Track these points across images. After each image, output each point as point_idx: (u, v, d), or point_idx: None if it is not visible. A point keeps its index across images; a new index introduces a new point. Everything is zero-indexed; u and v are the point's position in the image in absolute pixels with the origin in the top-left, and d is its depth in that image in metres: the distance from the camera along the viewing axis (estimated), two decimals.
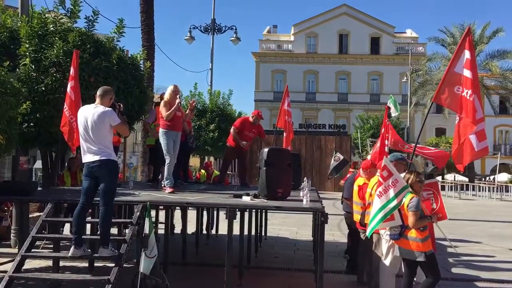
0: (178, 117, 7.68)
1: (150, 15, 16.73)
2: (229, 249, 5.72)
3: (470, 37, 6.32)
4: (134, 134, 28.98)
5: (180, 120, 7.78)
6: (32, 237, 5.74)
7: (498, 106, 43.63)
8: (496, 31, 38.27)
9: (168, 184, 7.40)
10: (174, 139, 7.64)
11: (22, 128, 7.72)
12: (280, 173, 6.52)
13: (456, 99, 6.15)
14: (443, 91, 6.29)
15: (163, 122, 7.58)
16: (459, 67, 6.16)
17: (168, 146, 7.55)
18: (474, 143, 6.14)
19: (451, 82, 6.21)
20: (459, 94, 6.11)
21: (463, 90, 6.06)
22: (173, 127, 7.58)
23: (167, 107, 7.51)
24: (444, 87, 6.27)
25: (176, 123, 7.64)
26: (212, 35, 23.90)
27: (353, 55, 48.62)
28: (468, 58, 6.11)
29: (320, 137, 31.10)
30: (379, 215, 5.29)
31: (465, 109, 6.07)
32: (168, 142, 7.55)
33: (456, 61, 6.23)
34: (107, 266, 5.94)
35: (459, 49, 6.24)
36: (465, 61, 6.13)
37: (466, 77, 6.09)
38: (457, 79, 6.16)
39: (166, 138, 7.57)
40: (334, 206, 16.56)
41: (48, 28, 8.51)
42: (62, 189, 8.54)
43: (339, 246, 9.96)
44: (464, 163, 6.25)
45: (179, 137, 7.78)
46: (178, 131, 7.71)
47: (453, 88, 6.16)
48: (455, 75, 6.20)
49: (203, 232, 10.84)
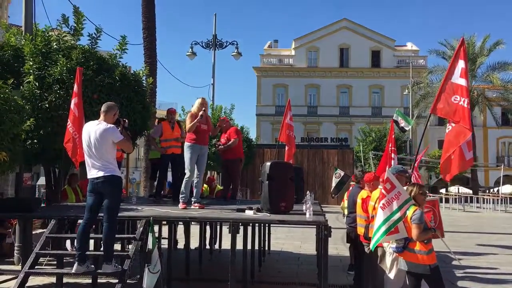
0: (203, 131, 7.56)
1: (152, 32, 16.90)
2: (232, 264, 5.70)
3: (464, 47, 6.43)
4: (137, 150, 29.05)
5: (205, 134, 7.66)
6: (35, 253, 5.75)
7: (500, 118, 43.61)
8: (497, 43, 38.41)
9: (182, 199, 7.35)
10: (198, 153, 7.53)
11: (26, 145, 7.77)
12: (283, 187, 6.52)
13: (453, 108, 6.23)
14: (441, 101, 6.37)
15: (188, 135, 7.53)
16: (456, 76, 6.28)
17: (191, 161, 7.46)
18: (465, 152, 6.20)
19: (448, 92, 6.30)
20: (456, 103, 6.19)
21: (460, 99, 6.15)
22: (197, 141, 7.49)
23: (192, 119, 7.44)
24: (442, 98, 6.36)
25: (201, 137, 7.54)
26: (213, 50, 24.07)
27: (354, 68, 48.82)
28: (463, 68, 6.27)
29: (322, 150, 31.09)
30: (382, 228, 5.27)
31: (462, 117, 6.15)
32: (192, 157, 7.46)
33: (453, 71, 6.33)
34: (111, 282, 5.94)
35: (455, 59, 6.36)
36: (460, 71, 6.24)
37: (462, 86, 6.21)
38: (455, 88, 6.25)
39: (190, 152, 7.47)
40: (337, 219, 16.49)
41: (51, 46, 8.60)
42: (66, 205, 8.55)
43: (343, 260, 9.90)
44: (452, 173, 6.27)
45: (204, 150, 7.66)
46: (202, 144, 7.59)
47: (451, 98, 6.25)
48: (452, 85, 6.30)
49: (206, 247, 10.80)
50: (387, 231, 5.23)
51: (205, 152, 7.70)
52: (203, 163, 7.65)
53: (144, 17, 16.88)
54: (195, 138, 7.48)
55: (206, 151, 7.72)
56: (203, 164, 7.66)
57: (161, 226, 9.62)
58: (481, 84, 39.62)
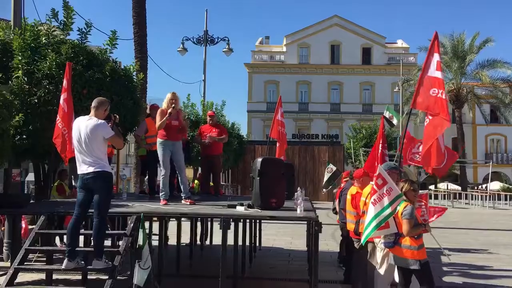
0: (174, 127, 7.41)
1: (143, 27, 16.80)
2: (223, 260, 5.70)
3: (437, 41, 6.60)
4: (127, 146, 28.92)
5: (175, 130, 7.48)
6: (25, 250, 5.70)
7: (489, 115, 44.06)
8: (486, 40, 38.76)
9: (162, 196, 7.26)
10: (171, 149, 7.40)
11: (14, 141, 7.68)
12: (274, 183, 6.53)
13: (432, 101, 6.36)
14: (420, 95, 6.50)
15: (159, 131, 7.41)
16: (432, 70, 6.43)
17: (164, 157, 7.35)
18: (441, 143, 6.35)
19: (426, 86, 6.44)
20: (435, 96, 6.30)
21: (438, 91, 6.27)
22: (168, 137, 7.37)
23: (162, 116, 7.30)
24: (420, 92, 6.49)
25: (172, 133, 7.40)
26: (204, 46, 24.00)
27: (345, 65, 48.96)
28: (438, 61, 6.49)
29: (313, 147, 31.20)
30: (373, 223, 5.31)
31: (441, 109, 6.27)
32: (164, 153, 7.36)
33: (429, 65, 6.48)
34: (101, 279, 5.91)
35: (430, 54, 6.49)
36: (436, 64, 6.37)
37: (438, 78, 6.39)
38: (432, 81, 6.39)
39: (162, 149, 7.37)
40: (328, 216, 16.54)
41: (40, 40, 8.51)
42: (55, 201, 8.49)
43: (333, 256, 9.94)
44: (432, 165, 6.37)
45: (177, 146, 7.49)
46: (174, 140, 7.44)
47: (429, 91, 6.37)
48: (429, 79, 6.44)
49: (197, 243, 10.79)
50: (377, 226, 5.27)
51: (179, 148, 7.52)
52: (180, 158, 7.51)
53: (135, 12, 16.77)
54: (166, 134, 7.35)
55: (179, 146, 7.53)
56: (181, 160, 7.52)
57: (151, 222, 9.61)
58: (470, 81, 39.97)
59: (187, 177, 11.06)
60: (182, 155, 7.59)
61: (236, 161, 24.67)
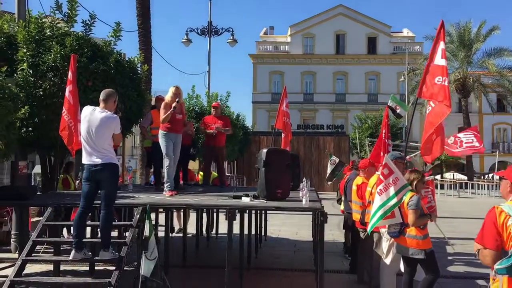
0: (178, 120, 7.61)
1: (147, 18, 16.75)
2: (229, 251, 5.73)
3: (443, 29, 6.57)
4: (133, 138, 28.99)
5: (180, 123, 7.71)
6: (32, 241, 5.75)
7: (496, 104, 43.74)
8: (492, 29, 38.34)
9: (168, 188, 7.37)
10: (174, 141, 7.58)
11: (21, 133, 7.72)
12: (279, 173, 6.54)
13: (437, 89, 6.34)
14: (426, 84, 6.49)
15: (163, 124, 7.56)
16: (438, 58, 6.40)
17: (168, 149, 7.49)
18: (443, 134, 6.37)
19: (432, 74, 6.42)
20: (439, 84, 6.29)
21: (442, 79, 6.27)
22: (172, 129, 7.53)
23: (166, 109, 7.47)
24: (426, 81, 6.48)
25: (175, 125, 7.58)
26: (209, 37, 23.91)
27: (350, 55, 48.68)
28: (443, 49, 6.44)
29: (319, 137, 31.14)
30: (379, 213, 5.31)
31: (444, 96, 6.27)
32: (168, 145, 7.50)
33: (435, 53, 6.44)
34: (108, 269, 5.96)
35: (436, 42, 6.46)
36: (441, 52, 6.36)
37: (443, 66, 6.39)
38: (438, 70, 6.37)
39: (165, 140, 7.51)
40: (333, 206, 16.54)
41: (45, 32, 8.51)
42: (62, 193, 8.54)
43: (339, 245, 9.97)
44: (434, 154, 6.36)
45: (178, 139, 7.72)
46: (177, 133, 7.64)
47: (434, 79, 6.35)
48: (435, 67, 6.42)
49: (203, 234, 10.85)
50: (383, 215, 5.27)
51: (179, 141, 7.74)
52: (178, 151, 7.71)
53: (139, 3, 16.70)
54: (170, 127, 7.51)
55: (180, 139, 7.75)
56: (177, 152, 7.71)
57: (157, 214, 9.66)
58: (476, 70, 39.62)
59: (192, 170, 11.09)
60: (180, 147, 7.77)
61: (241, 152, 24.65)
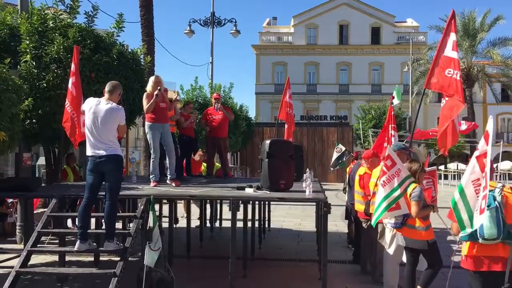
0: (162, 108, 7.48)
1: (150, 10, 16.68)
2: (233, 241, 5.76)
3: (454, 20, 6.41)
4: (136, 129, 29.02)
5: (165, 111, 7.59)
6: (37, 232, 5.79)
7: (500, 94, 43.46)
8: (497, 18, 37.99)
9: (152, 178, 7.38)
10: (160, 131, 7.49)
11: (24, 125, 7.75)
12: (283, 164, 6.55)
13: (447, 81, 6.23)
14: (435, 76, 6.37)
15: (147, 115, 7.47)
16: (448, 50, 6.27)
17: (154, 140, 7.43)
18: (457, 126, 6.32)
19: (442, 66, 6.30)
20: (450, 77, 6.18)
21: (453, 72, 6.15)
22: (157, 119, 7.45)
23: (148, 99, 7.35)
24: (435, 72, 6.36)
25: (160, 115, 7.48)
26: (211, 28, 23.82)
27: (354, 45, 48.40)
28: (454, 40, 6.29)
29: (322, 128, 31.09)
30: (383, 205, 5.31)
31: (456, 91, 6.16)
32: (154, 136, 7.43)
33: (445, 44, 6.32)
34: (113, 260, 6.00)
35: (446, 33, 6.32)
36: (452, 44, 6.22)
37: (454, 58, 6.22)
38: (448, 62, 6.24)
39: (152, 132, 7.45)
40: (336, 197, 16.60)
41: (48, 24, 8.51)
42: (66, 184, 8.59)
43: (342, 236, 10.00)
44: (448, 146, 6.33)
45: (166, 128, 7.60)
46: (163, 122, 7.53)
47: (444, 72, 6.24)
48: (445, 59, 6.29)
49: (207, 225, 10.89)
50: (387, 207, 5.27)
51: (168, 130, 7.62)
52: (170, 141, 7.62)
53: None
54: (155, 117, 7.43)
55: (168, 128, 7.64)
56: (170, 142, 7.62)
57: (161, 205, 9.70)
58: (481, 60, 39.33)
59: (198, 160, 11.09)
60: (171, 137, 7.71)
61: (244, 143, 24.65)
